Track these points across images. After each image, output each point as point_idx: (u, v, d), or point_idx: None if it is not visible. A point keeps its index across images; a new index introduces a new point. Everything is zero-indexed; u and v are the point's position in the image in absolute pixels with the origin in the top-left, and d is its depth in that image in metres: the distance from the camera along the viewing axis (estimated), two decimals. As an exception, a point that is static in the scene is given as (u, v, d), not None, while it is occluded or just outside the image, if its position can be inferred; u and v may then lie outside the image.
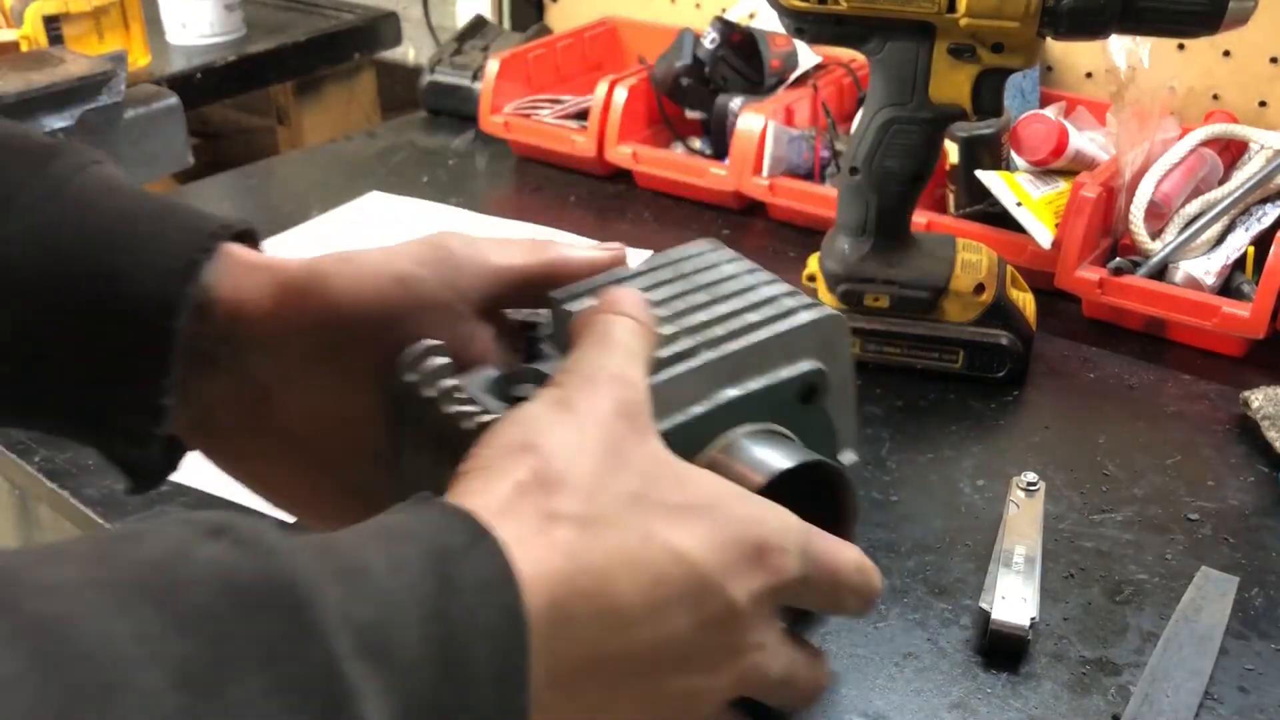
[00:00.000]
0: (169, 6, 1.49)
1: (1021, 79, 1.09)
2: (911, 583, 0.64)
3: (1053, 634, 0.61)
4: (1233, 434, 0.77)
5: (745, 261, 0.55)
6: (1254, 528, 0.68)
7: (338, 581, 0.31)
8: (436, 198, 1.12)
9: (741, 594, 0.39)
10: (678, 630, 0.38)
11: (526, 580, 0.34)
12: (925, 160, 0.78)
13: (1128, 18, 0.68)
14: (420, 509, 0.36)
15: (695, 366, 0.48)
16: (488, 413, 0.45)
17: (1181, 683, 0.57)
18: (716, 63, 1.12)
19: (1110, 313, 0.89)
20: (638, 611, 0.37)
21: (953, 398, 0.80)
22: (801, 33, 0.75)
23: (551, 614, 0.35)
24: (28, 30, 1.26)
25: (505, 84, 1.20)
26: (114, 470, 0.47)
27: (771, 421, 0.50)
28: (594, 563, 0.37)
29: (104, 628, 0.27)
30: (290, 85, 1.55)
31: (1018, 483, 0.68)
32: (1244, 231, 0.90)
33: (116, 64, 0.88)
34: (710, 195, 1.09)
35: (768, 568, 0.40)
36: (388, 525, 0.35)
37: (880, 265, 0.80)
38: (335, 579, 0.31)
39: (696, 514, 0.40)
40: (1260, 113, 1.08)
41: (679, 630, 0.38)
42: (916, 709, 0.56)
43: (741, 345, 0.49)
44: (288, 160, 1.28)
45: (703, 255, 0.55)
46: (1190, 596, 0.63)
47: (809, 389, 0.51)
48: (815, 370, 0.51)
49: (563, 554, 0.36)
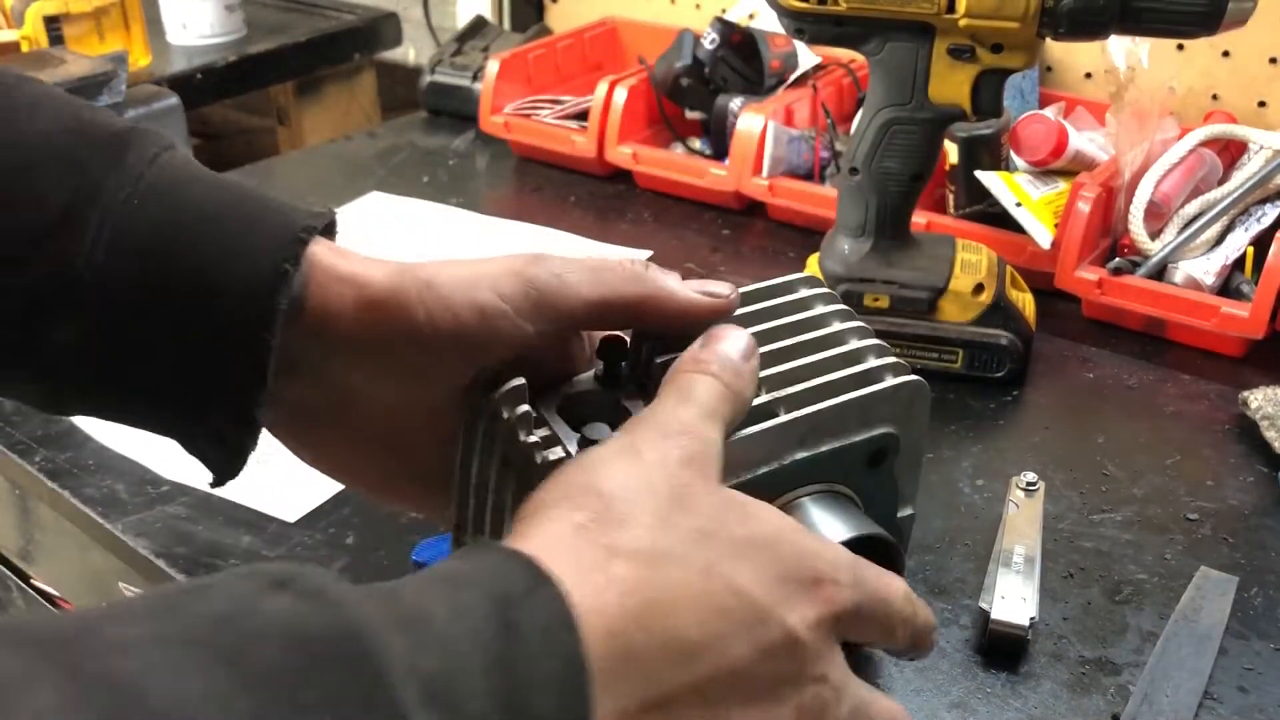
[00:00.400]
0: (169, 7, 1.49)
1: (1021, 79, 1.09)
2: (911, 582, 0.63)
3: (1052, 634, 0.61)
4: (1232, 434, 0.77)
5: (838, 302, 0.55)
6: (1253, 528, 0.69)
7: (402, 631, 0.31)
8: (437, 198, 1.12)
9: (800, 624, 0.40)
10: (740, 661, 0.38)
11: (586, 619, 0.34)
12: (925, 161, 0.78)
13: (1127, 18, 0.68)
14: (480, 554, 0.36)
15: (769, 428, 0.48)
16: (559, 446, 0.45)
17: (1181, 683, 0.57)
18: (716, 63, 1.12)
19: (1110, 313, 0.89)
20: (699, 643, 0.37)
21: (952, 398, 0.80)
22: (801, 33, 0.76)
23: (613, 649, 0.35)
24: (28, 30, 1.27)
25: (505, 84, 1.21)
26: (193, 460, 0.47)
27: (837, 482, 0.51)
28: (655, 596, 0.37)
29: (174, 687, 0.27)
30: (290, 85, 1.55)
31: (1017, 482, 0.68)
32: (1243, 232, 0.90)
33: (117, 64, 0.88)
34: (710, 195, 1.09)
35: (823, 598, 0.41)
36: (449, 572, 0.35)
37: (880, 265, 0.81)
38: (399, 629, 0.31)
39: (756, 548, 0.40)
40: (1259, 113, 1.08)
41: (741, 661, 0.38)
42: (916, 708, 0.56)
43: (819, 409, 0.49)
44: (288, 160, 1.28)
45: (798, 294, 0.55)
46: (1190, 596, 0.63)
47: (879, 454, 0.51)
48: (888, 435, 0.51)
49: (622, 589, 0.36)
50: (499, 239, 1.03)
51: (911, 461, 0.55)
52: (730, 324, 0.47)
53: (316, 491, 0.71)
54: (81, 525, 0.71)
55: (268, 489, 0.71)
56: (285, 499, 0.70)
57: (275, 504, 0.70)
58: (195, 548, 0.67)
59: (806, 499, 0.49)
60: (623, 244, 1.03)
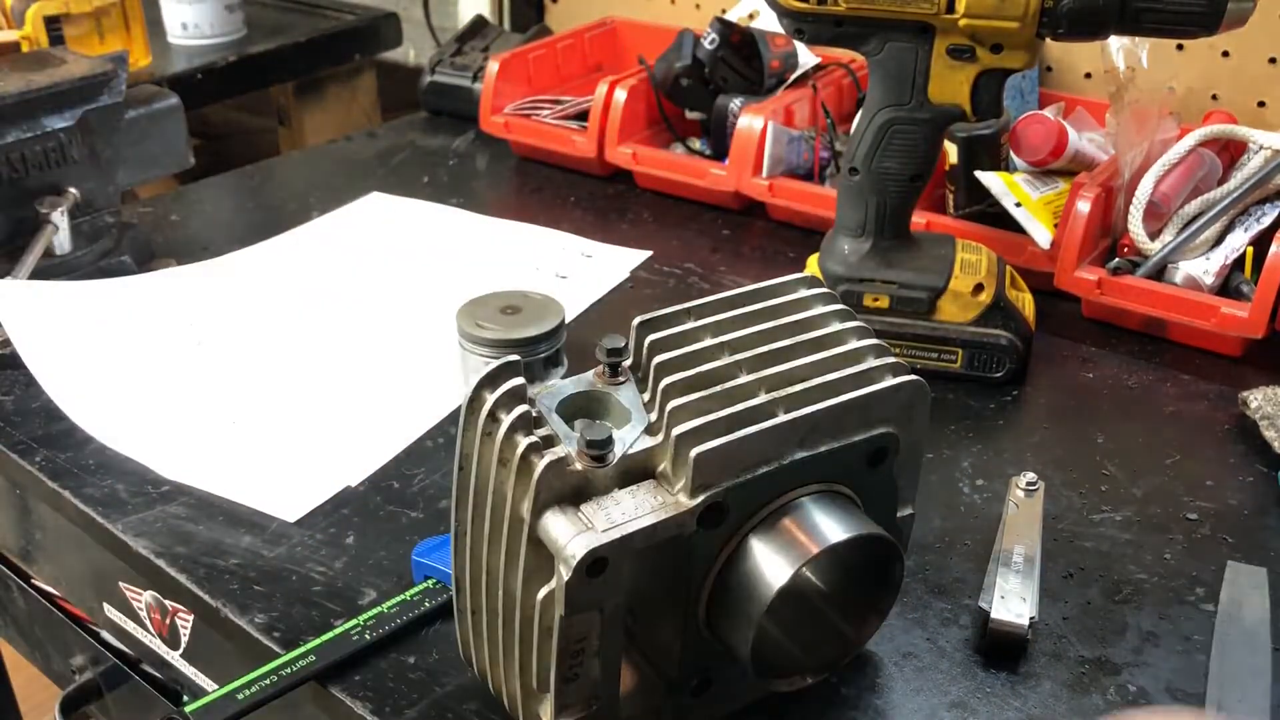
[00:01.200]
0: (169, 7, 1.49)
1: (1021, 79, 1.09)
2: (911, 582, 0.64)
3: (1052, 633, 0.61)
4: (1231, 434, 0.77)
5: (837, 303, 0.55)
6: (1253, 527, 0.69)
7: None
8: (437, 198, 1.12)
9: None
10: None
11: None
12: (924, 161, 0.78)
13: (1126, 19, 0.68)
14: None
15: (769, 428, 0.48)
16: (559, 446, 0.46)
17: (1248, 685, 0.57)
18: (716, 63, 1.12)
19: (1109, 313, 0.89)
20: None
21: (952, 398, 0.80)
22: (801, 34, 0.76)
23: None
24: (28, 31, 1.27)
25: (505, 84, 1.21)
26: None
27: (837, 482, 0.51)
28: None
29: None
30: (291, 86, 1.55)
31: (1017, 482, 0.68)
32: (1243, 232, 0.90)
33: (117, 64, 0.88)
34: (710, 195, 1.09)
35: None
36: None
37: (879, 265, 0.81)
38: None
39: None
40: (1259, 113, 1.08)
41: None
42: (916, 708, 0.56)
43: (818, 409, 0.49)
44: (288, 160, 1.28)
45: (798, 294, 0.55)
46: (1228, 595, 0.62)
47: (878, 453, 0.51)
48: (887, 435, 0.51)
49: None
50: (498, 240, 1.03)
51: (911, 461, 0.55)
52: None
53: (317, 491, 0.71)
54: (81, 525, 0.71)
55: (268, 488, 0.71)
56: (285, 498, 0.70)
57: (275, 503, 0.70)
58: (195, 548, 0.67)
59: (806, 499, 0.50)
60: (623, 244, 1.03)
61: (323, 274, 0.97)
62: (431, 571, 0.63)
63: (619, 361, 0.50)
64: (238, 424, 0.77)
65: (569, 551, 0.45)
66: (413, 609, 0.61)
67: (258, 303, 0.91)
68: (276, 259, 0.99)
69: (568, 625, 0.47)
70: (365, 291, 0.94)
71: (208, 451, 0.74)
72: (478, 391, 0.48)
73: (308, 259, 0.99)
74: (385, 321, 0.89)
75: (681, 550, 0.48)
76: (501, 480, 0.47)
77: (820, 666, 0.54)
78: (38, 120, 0.84)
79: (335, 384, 0.82)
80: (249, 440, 0.75)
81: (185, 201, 1.13)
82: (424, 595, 0.62)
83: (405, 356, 0.85)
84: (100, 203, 0.89)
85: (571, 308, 0.89)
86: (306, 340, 0.87)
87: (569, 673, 0.49)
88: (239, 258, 0.99)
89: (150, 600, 0.71)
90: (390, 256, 0.99)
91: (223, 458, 0.74)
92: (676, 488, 0.47)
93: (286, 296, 0.92)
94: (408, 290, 0.94)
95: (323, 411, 0.79)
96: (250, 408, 0.78)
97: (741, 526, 0.49)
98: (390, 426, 0.77)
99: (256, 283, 0.94)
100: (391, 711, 0.56)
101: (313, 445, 0.75)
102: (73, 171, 0.87)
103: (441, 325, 0.85)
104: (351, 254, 1.00)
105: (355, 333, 0.88)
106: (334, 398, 0.80)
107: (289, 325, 0.88)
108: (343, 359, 0.85)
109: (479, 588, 0.51)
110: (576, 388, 0.50)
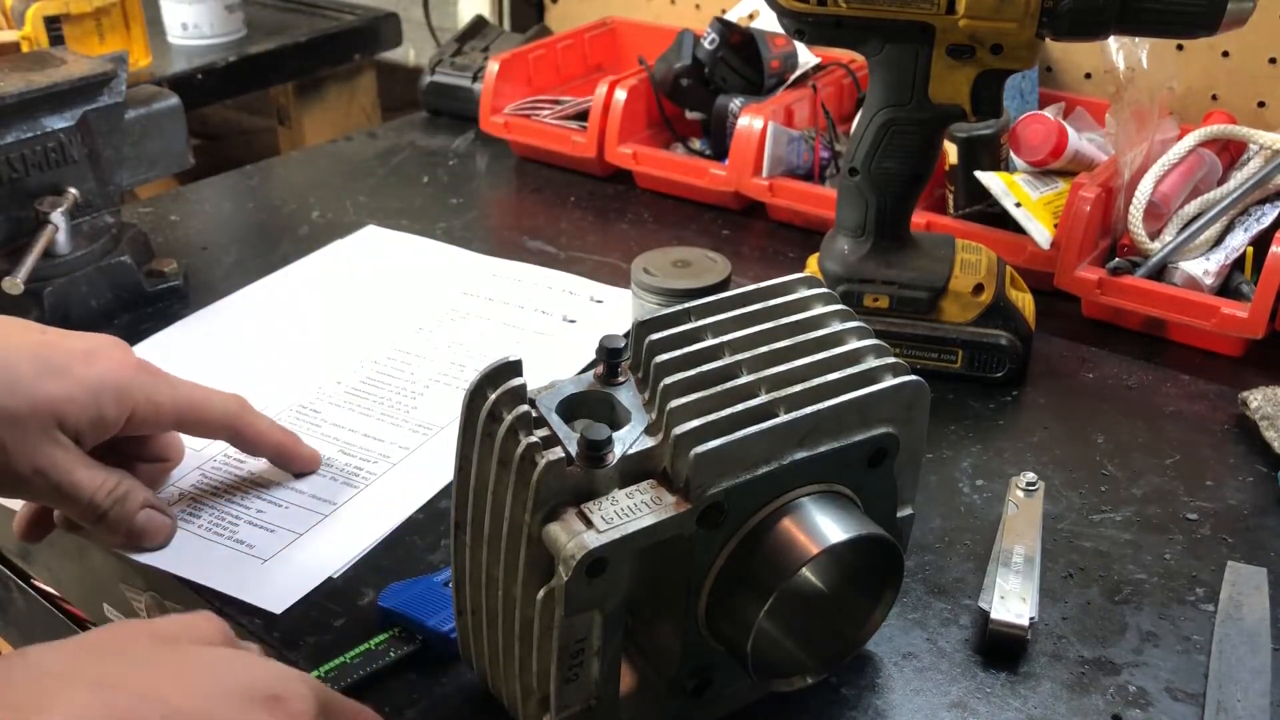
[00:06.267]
0: (169, 7, 1.49)
1: (1021, 80, 1.09)
2: (911, 582, 0.64)
3: (1051, 634, 0.61)
4: (1231, 434, 0.77)
5: (837, 303, 0.55)
6: (1253, 528, 0.69)
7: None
8: (437, 198, 1.12)
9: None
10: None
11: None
12: (924, 161, 0.78)
13: (1126, 19, 0.68)
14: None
15: (769, 428, 0.48)
16: (559, 446, 0.46)
17: (1248, 685, 0.57)
18: (716, 63, 1.12)
19: (1109, 313, 0.89)
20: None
21: (952, 398, 0.80)
22: (801, 34, 0.76)
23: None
24: (28, 31, 1.27)
25: (505, 84, 1.21)
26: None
27: (837, 482, 0.51)
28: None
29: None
30: (291, 86, 1.55)
31: (1017, 483, 0.68)
32: (1243, 232, 0.90)
33: (117, 64, 0.88)
34: (710, 196, 1.09)
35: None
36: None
37: (879, 266, 0.81)
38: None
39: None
40: (1259, 113, 1.08)
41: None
42: (915, 708, 0.56)
43: (818, 409, 0.49)
44: (288, 160, 1.28)
45: (798, 294, 0.55)
46: (1227, 594, 0.62)
47: (878, 454, 0.51)
48: (887, 436, 0.51)
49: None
50: (490, 277, 0.97)
51: (911, 462, 0.55)
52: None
53: (299, 584, 0.64)
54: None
55: (253, 584, 0.65)
56: (270, 593, 0.64)
57: (262, 596, 0.64)
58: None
59: (806, 499, 0.50)
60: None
61: (314, 318, 0.90)
62: (400, 621, 0.59)
63: (619, 361, 0.51)
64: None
65: (569, 552, 0.45)
66: (376, 659, 0.57)
67: (240, 362, 0.85)
68: (265, 304, 0.92)
69: (568, 625, 0.47)
70: (361, 346, 0.87)
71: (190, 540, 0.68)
72: (477, 391, 0.48)
73: (297, 306, 0.92)
74: (384, 389, 0.82)
75: (681, 550, 0.48)
76: (501, 480, 0.47)
77: (820, 667, 0.54)
78: (38, 120, 0.84)
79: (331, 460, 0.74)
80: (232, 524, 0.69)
81: (185, 201, 1.13)
82: (389, 644, 0.58)
83: (407, 429, 0.78)
84: (100, 203, 0.89)
85: (580, 355, 0.86)
86: (300, 395, 0.81)
87: (569, 673, 0.49)
88: (220, 308, 0.92)
89: (150, 601, 0.71)
90: (384, 291, 0.93)
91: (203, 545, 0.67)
92: (676, 488, 0.47)
93: (272, 352, 0.86)
94: (409, 349, 0.86)
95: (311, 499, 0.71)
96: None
97: (741, 526, 0.49)
98: (377, 514, 0.70)
99: (240, 339, 0.88)
100: (391, 712, 0.56)
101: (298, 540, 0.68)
102: (73, 171, 0.87)
103: (447, 402, 0.80)
104: (345, 302, 0.93)
105: (353, 394, 0.81)
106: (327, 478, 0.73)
107: (278, 387, 0.82)
108: (345, 423, 0.78)
109: (479, 588, 0.51)
110: (576, 388, 0.50)
